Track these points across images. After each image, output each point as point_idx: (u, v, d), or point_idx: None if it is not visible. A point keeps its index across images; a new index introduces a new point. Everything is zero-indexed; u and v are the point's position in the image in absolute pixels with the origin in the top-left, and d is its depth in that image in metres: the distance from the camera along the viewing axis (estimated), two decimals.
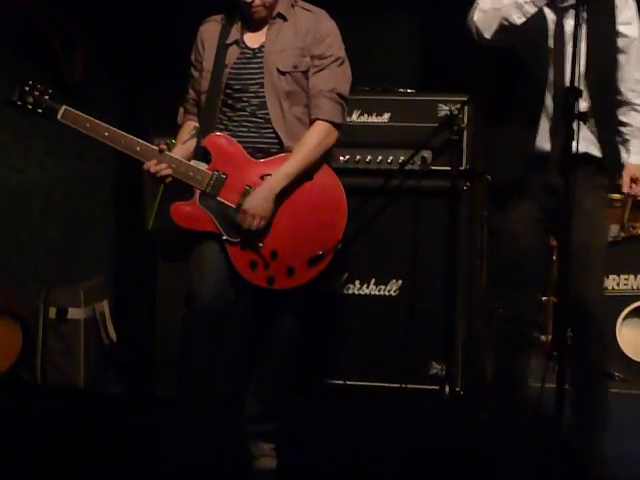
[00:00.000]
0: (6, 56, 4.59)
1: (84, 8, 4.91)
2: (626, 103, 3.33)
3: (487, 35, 3.20)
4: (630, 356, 4.29)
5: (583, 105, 3.07)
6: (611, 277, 4.58)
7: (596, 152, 3.26)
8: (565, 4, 3.22)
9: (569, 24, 3.11)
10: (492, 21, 3.14)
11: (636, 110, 3.33)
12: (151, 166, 3.39)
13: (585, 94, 3.07)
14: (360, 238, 4.33)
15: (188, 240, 3.54)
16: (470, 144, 4.32)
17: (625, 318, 4.41)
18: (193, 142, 3.60)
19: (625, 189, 3.40)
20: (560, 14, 3.20)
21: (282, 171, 3.44)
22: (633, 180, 3.37)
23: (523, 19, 3.06)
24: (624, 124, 3.36)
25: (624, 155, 3.37)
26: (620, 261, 4.59)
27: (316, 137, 3.47)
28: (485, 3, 3.23)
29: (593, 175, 3.32)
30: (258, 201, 3.39)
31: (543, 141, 3.27)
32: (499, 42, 3.17)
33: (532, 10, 3.05)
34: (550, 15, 3.20)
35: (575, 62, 2.90)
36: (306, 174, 3.48)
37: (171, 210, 3.45)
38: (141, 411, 4.12)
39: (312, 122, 3.49)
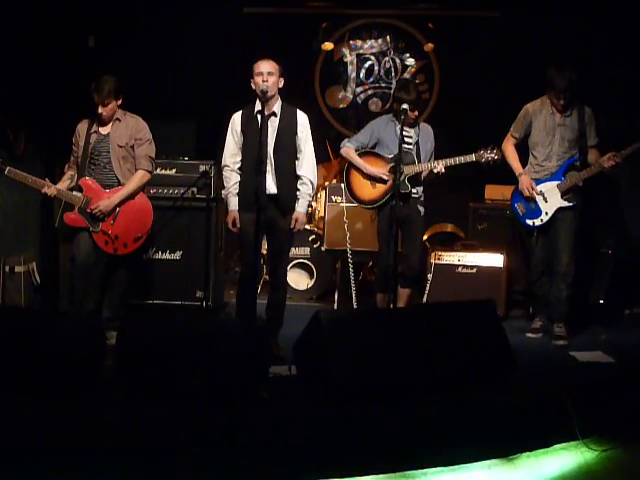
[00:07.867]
0: None
1: (24, 111, 6.32)
2: None
3: None
4: None
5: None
6: None
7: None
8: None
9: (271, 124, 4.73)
10: None
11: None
12: (46, 190, 5.10)
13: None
14: (162, 230, 6.26)
15: (72, 231, 5.30)
16: (215, 185, 6.34)
17: None
18: (68, 182, 5.36)
19: None
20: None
21: (120, 193, 5.21)
22: None
23: None
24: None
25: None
26: None
27: (139, 178, 5.33)
28: None
29: None
30: (105, 204, 5.16)
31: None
32: None
33: None
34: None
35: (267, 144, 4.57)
36: (132, 195, 5.29)
37: (64, 216, 5.32)
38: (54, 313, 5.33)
39: (136, 170, 5.32)
